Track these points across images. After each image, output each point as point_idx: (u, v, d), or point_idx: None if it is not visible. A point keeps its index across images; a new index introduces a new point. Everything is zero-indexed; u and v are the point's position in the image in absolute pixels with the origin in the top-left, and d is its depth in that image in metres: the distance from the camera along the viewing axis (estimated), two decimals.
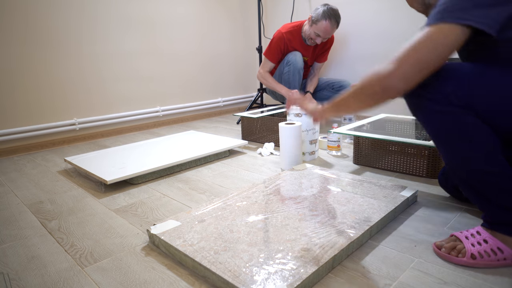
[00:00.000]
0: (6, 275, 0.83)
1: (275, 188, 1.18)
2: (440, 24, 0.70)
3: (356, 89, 0.82)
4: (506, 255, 0.76)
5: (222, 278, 0.72)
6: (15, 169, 1.67)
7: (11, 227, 1.09)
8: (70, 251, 0.93)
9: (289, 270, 0.73)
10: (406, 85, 0.73)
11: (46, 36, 1.96)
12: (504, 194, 0.74)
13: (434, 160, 1.30)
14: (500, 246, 0.77)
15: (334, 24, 2.08)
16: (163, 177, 1.47)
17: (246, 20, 3.02)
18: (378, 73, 0.75)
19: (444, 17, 0.70)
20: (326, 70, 2.63)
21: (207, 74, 2.81)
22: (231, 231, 0.91)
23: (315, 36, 2.12)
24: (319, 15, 2.05)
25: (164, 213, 1.13)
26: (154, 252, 0.91)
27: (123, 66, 2.30)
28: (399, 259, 0.83)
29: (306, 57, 2.29)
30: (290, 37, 2.20)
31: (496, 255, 0.77)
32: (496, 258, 0.77)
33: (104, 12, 2.17)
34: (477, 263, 0.78)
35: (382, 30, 2.27)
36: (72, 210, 1.19)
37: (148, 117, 2.50)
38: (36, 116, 1.99)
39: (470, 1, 0.69)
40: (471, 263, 0.78)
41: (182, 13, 2.56)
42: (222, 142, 1.77)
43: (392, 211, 1.00)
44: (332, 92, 2.35)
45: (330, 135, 1.66)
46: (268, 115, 1.92)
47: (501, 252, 0.77)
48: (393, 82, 0.73)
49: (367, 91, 0.79)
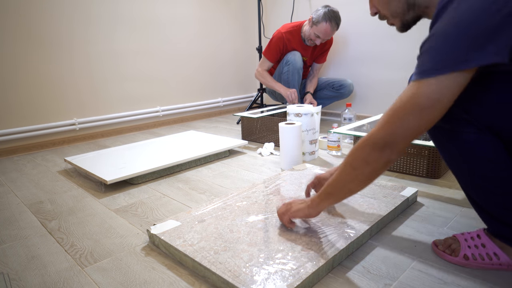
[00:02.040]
0: (6, 275, 0.83)
1: (275, 188, 1.18)
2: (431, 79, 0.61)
3: (346, 168, 0.75)
4: (502, 261, 0.76)
5: (222, 278, 0.73)
6: (15, 169, 1.67)
7: (11, 227, 1.09)
8: (70, 251, 0.93)
9: (289, 270, 0.73)
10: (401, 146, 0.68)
11: (46, 35, 1.96)
12: (508, 212, 0.72)
13: (434, 160, 1.30)
14: (497, 252, 0.76)
15: (335, 26, 2.08)
16: (163, 177, 1.47)
17: (246, 20, 3.02)
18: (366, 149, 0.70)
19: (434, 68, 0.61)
20: (325, 70, 2.63)
21: (207, 74, 2.81)
22: (231, 231, 0.91)
23: (314, 37, 2.13)
24: (319, 17, 2.05)
25: (164, 213, 1.13)
26: (154, 252, 0.91)
27: (123, 66, 2.30)
28: (399, 259, 0.83)
29: (305, 57, 2.29)
30: (290, 37, 2.20)
31: (491, 260, 0.76)
32: (491, 263, 0.76)
33: (105, 12, 2.17)
34: (469, 264, 0.78)
35: (382, 30, 2.27)
36: (72, 210, 1.19)
37: (148, 117, 2.50)
38: (36, 116, 1.99)
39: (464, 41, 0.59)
40: (463, 263, 0.78)
41: (182, 13, 2.56)
42: (222, 142, 1.77)
43: (392, 211, 1.00)
44: (333, 91, 2.35)
45: (330, 135, 1.66)
46: (268, 115, 1.92)
47: (497, 258, 0.76)
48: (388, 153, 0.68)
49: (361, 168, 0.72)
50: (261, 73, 2.30)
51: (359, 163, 0.72)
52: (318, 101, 2.39)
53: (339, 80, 2.33)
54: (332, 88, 2.35)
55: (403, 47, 2.21)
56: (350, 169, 0.74)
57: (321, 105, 2.17)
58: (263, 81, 2.32)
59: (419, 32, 2.17)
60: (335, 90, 2.34)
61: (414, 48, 2.16)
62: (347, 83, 2.30)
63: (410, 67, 2.20)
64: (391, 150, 0.67)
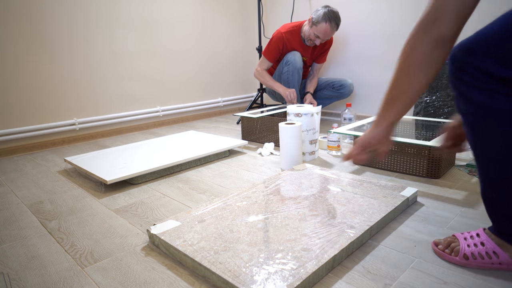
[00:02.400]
0: (6, 275, 0.83)
1: (275, 188, 1.18)
2: None
3: (402, 60, 0.70)
4: (501, 260, 0.75)
5: (222, 278, 0.73)
6: (15, 169, 1.67)
7: (11, 227, 1.09)
8: (70, 251, 0.93)
9: (289, 270, 0.73)
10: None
11: (46, 35, 1.96)
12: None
13: (434, 160, 1.30)
14: (497, 251, 0.75)
15: (334, 26, 2.08)
16: (163, 177, 1.47)
17: (246, 20, 3.02)
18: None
19: None
20: (325, 70, 2.63)
21: (207, 74, 2.81)
22: (231, 231, 0.91)
23: (314, 38, 2.13)
24: (319, 17, 2.05)
25: (164, 213, 1.13)
26: (154, 252, 0.91)
27: (123, 66, 2.30)
28: (399, 259, 0.83)
29: (305, 57, 2.29)
30: (290, 37, 2.20)
31: (491, 259, 0.76)
32: (491, 262, 0.76)
33: (105, 12, 2.17)
34: (469, 264, 0.78)
35: (382, 31, 2.27)
36: (72, 210, 1.19)
37: (148, 117, 2.50)
38: (36, 116, 1.99)
39: None
40: (463, 263, 0.78)
41: (182, 13, 2.56)
42: (222, 142, 1.77)
43: (392, 211, 1.00)
44: (333, 92, 2.35)
45: (330, 135, 1.66)
46: (268, 115, 1.92)
47: (497, 256, 0.75)
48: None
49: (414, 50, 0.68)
50: (261, 72, 2.30)
51: (409, 48, 0.69)
52: (318, 101, 2.39)
53: (339, 80, 2.33)
54: (332, 88, 2.35)
55: None
56: (404, 56, 0.70)
57: (321, 105, 2.17)
58: (262, 81, 2.32)
59: None
60: (335, 90, 2.34)
61: None
62: (347, 83, 2.30)
63: None
64: (441, 24, 0.64)
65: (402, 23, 2.17)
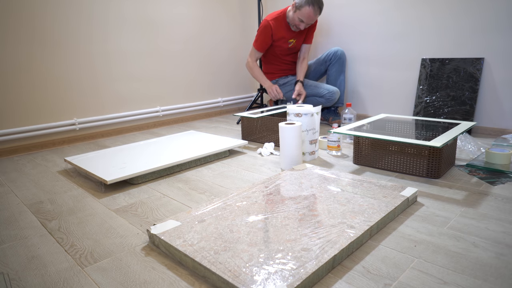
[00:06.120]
0: (6, 275, 0.83)
1: (275, 188, 1.18)
2: None
3: None
4: None
5: (222, 278, 0.73)
6: (15, 169, 1.67)
7: (11, 227, 1.09)
8: (70, 251, 0.93)
9: (289, 270, 0.73)
10: None
11: (46, 35, 1.96)
12: None
13: (434, 160, 1.30)
14: None
15: (317, 10, 2.12)
16: (163, 177, 1.47)
17: (246, 20, 3.02)
18: None
19: None
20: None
21: (207, 74, 2.81)
22: (231, 231, 0.91)
23: (298, 22, 2.18)
24: (302, 1, 2.11)
25: (164, 213, 1.13)
26: (154, 252, 0.91)
27: (123, 66, 2.30)
28: (399, 259, 0.83)
29: (294, 39, 2.31)
30: (276, 23, 2.26)
31: None
32: None
33: (104, 12, 2.17)
34: None
35: (382, 31, 2.27)
36: (72, 210, 1.19)
37: (148, 117, 2.50)
38: (36, 116, 1.99)
39: None
40: None
41: (182, 13, 2.56)
42: (222, 142, 1.77)
43: (392, 211, 1.00)
44: (321, 99, 2.31)
45: (330, 135, 1.66)
46: (268, 115, 1.92)
47: None
48: None
49: None
50: (251, 64, 2.36)
51: None
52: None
53: (326, 87, 2.30)
54: (320, 97, 2.31)
55: (404, 47, 2.21)
56: None
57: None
58: (251, 73, 2.40)
59: (420, 32, 2.17)
60: (322, 97, 2.30)
61: (415, 48, 2.16)
62: (333, 90, 2.27)
63: (410, 67, 2.20)
64: None
65: (403, 23, 2.18)
